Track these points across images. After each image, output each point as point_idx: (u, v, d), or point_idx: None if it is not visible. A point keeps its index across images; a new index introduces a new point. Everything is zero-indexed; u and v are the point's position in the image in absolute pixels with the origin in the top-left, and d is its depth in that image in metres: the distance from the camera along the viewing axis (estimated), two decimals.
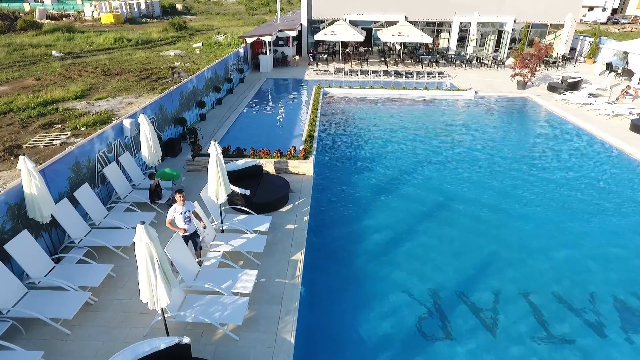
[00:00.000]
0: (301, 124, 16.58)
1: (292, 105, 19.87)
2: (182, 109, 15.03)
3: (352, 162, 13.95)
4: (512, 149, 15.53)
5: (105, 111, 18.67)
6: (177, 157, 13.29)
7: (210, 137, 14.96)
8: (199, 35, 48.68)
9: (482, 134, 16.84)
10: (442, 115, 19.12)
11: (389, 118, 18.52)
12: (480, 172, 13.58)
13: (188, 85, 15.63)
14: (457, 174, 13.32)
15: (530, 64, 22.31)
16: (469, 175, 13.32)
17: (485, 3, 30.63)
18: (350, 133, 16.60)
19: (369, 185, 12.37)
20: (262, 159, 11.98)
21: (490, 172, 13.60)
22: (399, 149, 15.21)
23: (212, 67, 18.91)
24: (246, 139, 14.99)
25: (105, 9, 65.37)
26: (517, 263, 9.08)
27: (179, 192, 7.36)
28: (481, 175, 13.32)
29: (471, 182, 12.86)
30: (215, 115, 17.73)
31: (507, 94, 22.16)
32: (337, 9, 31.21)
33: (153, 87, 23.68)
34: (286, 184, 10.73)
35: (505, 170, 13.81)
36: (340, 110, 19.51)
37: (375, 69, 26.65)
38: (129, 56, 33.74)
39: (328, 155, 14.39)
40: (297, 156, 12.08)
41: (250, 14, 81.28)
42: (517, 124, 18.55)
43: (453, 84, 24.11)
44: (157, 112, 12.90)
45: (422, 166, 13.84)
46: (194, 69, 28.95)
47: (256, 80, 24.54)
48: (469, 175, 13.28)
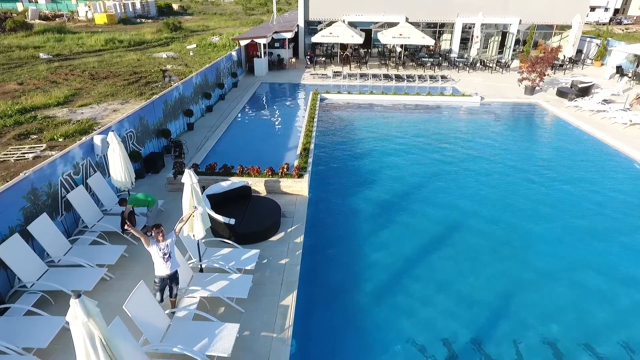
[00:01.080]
0: (297, 134, 15.39)
1: (287, 112, 18.68)
2: (167, 119, 13.82)
3: (352, 178, 12.76)
4: (525, 160, 14.37)
5: (87, 120, 17.44)
6: (159, 173, 12.08)
7: (198, 149, 13.77)
8: (194, 36, 47.45)
9: (491, 144, 15.68)
10: (447, 123, 17.94)
11: (391, 127, 17.33)
12: (493, 186, 12.48)
13: (173, 93, 14.42)
14: (468, 189, 12.17)
15: (539, 68, 21.15)
16: (481, 189, 12.18)
17: (489, 3, 29.48)
18: (350, 144, 15.41)
19: (371, 206, 11.18)
20: (251, 178, 10.79)
21: (504, 186, 12.49)
22: (403, 161, 14.02)
23: (202, 72, 17.69)
24: (236, 152, 13.82)
25: (99, 9, 64.06)
26: (540, 291, 7.93)
27: (157, 228, 6.17)
28: (495, 190, 12.22)
29: (484, 197, 11.73)
30: (204, 124, 16.52)
31: (515, 100, 20.99)
32: (336, 9, 30.02)
33: (141, 92, 22.46)
34: (277, 208, 9.53)
35: (520, 182, 12.72)
36: (338, 118, 18.32)
37: (375, 73, 25.47)
38: (120, 58, 32.51)
39: (325, 170, 13.19)
40: (290, 174, 10.90)
41: (248, 14, 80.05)
42: (528, 133, 17.40)
43: (457, 88, 22.94)
44: (137, 125, 11.69)
45: (431, 181, 12.66)
46: (186, 72, 27.74)
47: (250, 84, 23.34)
48: (481, 190, 12.13)
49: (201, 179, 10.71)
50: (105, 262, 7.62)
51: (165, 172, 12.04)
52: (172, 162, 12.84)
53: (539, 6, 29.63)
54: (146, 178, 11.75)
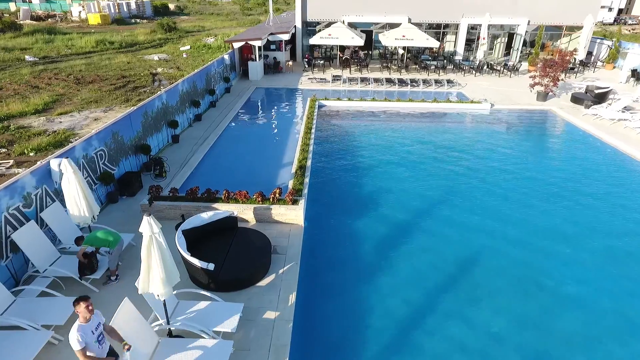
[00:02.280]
0: (292, 147, 13.97)
1: (282, 121, 17.26)
2: (147, 132, 12.40)
3: (354, 200, 11.34)
4: (545, 174, 12.99)
5: (64, 130, 16.00)
6: (135, 196, 10.65)
7: (182, 166, 12.34)
8: (189, 37, 46.00)
9: (507, 157, 14.27)
10: (456, 134, 16.52)
11: (396, 138, 15.91)
12: (514, 201, 11.23)
13: (155, 103, 12.99)
14: (487, 208, 10.81)
15: (552, 73, 19.76)
16: (500, 207, 10.89)
17: (496, 3, 28.08)
18: (351, 159, 13.99)
19: (379, 236, 9.76)
20: (238, 205, 9.37)
21: (525, 202, 11.19)
22: (413, 178, 12.59)
23: (189, 78, 16.26)
24: (224, 168, 12.40)
25: (93, 9, 62.58)
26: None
27: (83, 301, 4.73)
28: (516, 207, 10.97)
29: (506, 217, 10.48)
30: (191, 135, 15.09)
31: (527, 107, 19.59)
32: (335, 9, 28.60)
33: (128, 98, 21.02)
34: (267, 244, 8.11)
35: (542, 198, 11.43)
36: (338, 128, 16.89)
37: (377, 77, 24.06)
38: (109, 61, 31.05)
39: (324, 191, 11.74)
40: (283, 200, 9.48)
41: (245, 14, 78.65)
42: (545, 144, 15.96)
43: (464, 94, 21.54)
44: (109, 142, 10.27)
45: (445, 201, 11.25)
46: (177, 76, 26.30)
47: (244, 89, 21.91)
48: (501, 208, 10.83)
49: (182, 206, 9.31)
50: (53, 321, 6.20)
51: (143, 194, 10.62)
52: (152, 181, 11.46)
53: (548, 6, 28.23)
54: (120, 202, 10.32)
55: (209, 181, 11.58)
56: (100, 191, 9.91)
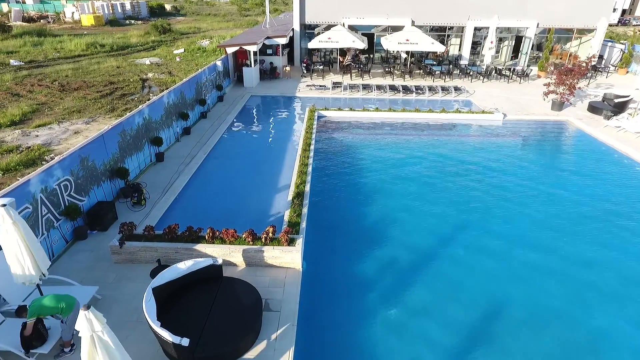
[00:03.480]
0: (289, 167, 12.59)
1: (279, 135, 15.87)
2: (125, 153, 10.99)
3: (361, 232, 9.95)
4: (572, 194, 11.71)
5: (39, 146, 14.58)
6: (107, 230, 9.25)
7: (164, 192, 10.94)
8: (184, 39, 44.57)
9: (528, 175, 12.94)
10: (469, 149, 15.14)
11: (403, 154, 14.51)
12: (546, 228, 9.96)
13: (135, 119, 11.58)
14: (515, 236, 9.47)
15: (569, 80, 18.42)
16: (529, 233, 9.60)
17: (504, 5, 26.73)
18: (355, 179, 12.61)
19: (390, 275, 8.40)
20: (225, 246, 7.98)
21: (556, 225, 9.92)
22: (424, 202, 11.23)
23: (177, 88, 14.85)
24: (211, 196, 10.99)
25: (87, 10, 61.06)
26: None
27: None
28: (547, 232, 9.70)
29: (536, 243, 9.11)
30: (177, 153, 13.68)
31: (543, 118, 18.23)
32: (335, 12, 27.21)
33: (113, 108, 19.62)
34: (257, 301, 6.73)
35: (573, 221, 10.21)
36: (340, 143, 15.49)
37: (380, 83, 22.68)
38: (98, 65, 29.64)
39: (325, 222, 10.32)
40: (277, 239, 8.09)
41: (243, 15, 77.20)
42: (566, 160, 14.55)
43: (473, 102, 20.18)
44: (76, 170, 8.87)
45: (465, 228, 9.93)
46: (169, 82, 24.90)
47: (238, 97, 20.52)
48: (530, 234, 9.49)
49: (158, 248, 7.92)
50: None
51: (118, 227, 9.23)
52: (129, 210, 10.07)
53: (558, 8, 26.89)
54: (89, 239, 8.92)
55: (193, 210, 10.23)
56: (64, 227, 8.52)
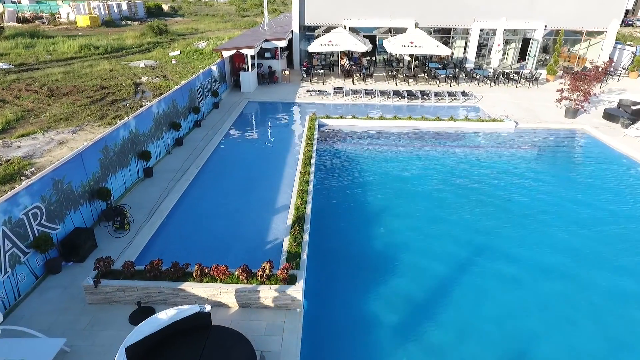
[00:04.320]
0: (289, 183, 11.61)
1: (277, 146, 14.86)
2: (107, 172, 9.98)
3: (368, 261, 8.95)
4: (599, 211, 10.75)
5: (19, 159, 13.56)
6: (85, 261, 8.25)
7: (150, 214, 9.93)
8: (181, 40, 43.55)
9: (547, 191, 11.96)
10: (480, 160, 14.15)
11: (412, 167, 13.51)
12: (580, 257, 8.87)
13: (119, 133, 10.56)
14: (540, 271, 8.44)
15: (584, 86, 17.45)
16: (559, 262, 8.50)
17: (511, 7, 25.77)
18: (360, 197, 11.62)
19: (406, 312, 7.42)
20: (216, 284, 6.99)
21: (586, 258, 8.86)
22: (439, 223, 10.25)
23: (168, 97, 13.84)
24: (202, 219, 9.98)
25: (83, 10, 60.02)
26: None
27: None
28: (580, 258, 8.56)
29: (581, 284, 8.05)
30: (168, 167, 12.68)
31: (557, 126, 17.24)
32: (335, 13, 26.22)
33: (103, 115, 18.61)
34: (251, 356, 5.73)
35: (605, 244, 9.11)
36: (342, 155, 14.49)
37: (383, 88, 21.69)
38: (90, 68, 28.61)
39: (329, 250, 9.29)
40: (274, 276, 7.10)
41: (241, 16, 76.23)
42: (586, 174, 13.43)
43: (482, 109, 19.20)
44: (48, 195, 7.86)
45: (485, 258, 8.94)
46: (163, 86, 23.90)
47: (235, 104, 19.52)
48: (561, 262, 8.45)
49: (139, 287, 6.92)
50: None
51: (99, 256, 8.24)
52: (110, 236, 9.07)
53: (567, 10, 25.93)
54: (63, 272, 7.92)
55: (182, 236, 9.24)
56: (33, 261, 7.51)
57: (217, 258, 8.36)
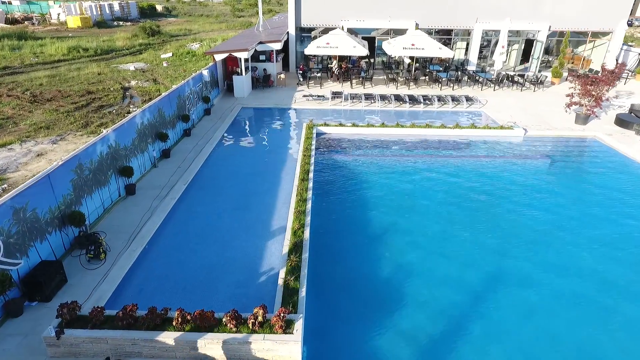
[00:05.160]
0: (284, 200, 10.60)
1: (272, 157, 13.81)
2: (81, 193, 8.93)
3: (374, 293, 7.95)
4: (625, 229, 9.81)
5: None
6: (52, 300, 7.21)
7: (130, 240, 8.88)
8: (173, 42, 42.40)
9: (564, 206, 11.03)
10: (490, 172, 13.20)
11: (415, 180, 12.54)
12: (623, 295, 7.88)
13: (96, 149, 9.51)
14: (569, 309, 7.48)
15: (595, 91, 16.56)
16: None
17: (514, 7, 24.88)
18: (362, 216, 10.62)
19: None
20: (199, 334, 5.97)
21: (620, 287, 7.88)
22: (450, 246, 9.28)
23: (154, 105, 12.78)
24: (189, 247, 8.92)
25: (74, 11, 58.68)
26: None
27: None
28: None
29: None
30: (153, 182, 11.62)
31: (568, 134, 16.31)
32: (333, 14, 25.23)
33: (87, 122, 17.51)
34: None
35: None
36: (342, 167, 13.48)
37: (383, 93, 20.71)
38: (78, 72, 27.46)
39: (328, 281, 8.25)
40: (269, 323, 6.09)
41: (236, 16, 75.05)
42: (606, 188, 12.26)
43: (488, 115, 18.27)
44: (6, 226, 6.81)
45: (505, 285, 7.96)
46: (153, 91, 22.80)
47: (227, 110, 18.47)
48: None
49: (109, 339, 5.89)
50: None
51: (66, 296, 7.21)
52: (83, 268, 8.03)
53: (573, 10, 25.07)
54: (25, 315, 6.87)
55: (164, 267, 8.20)
56: None
57: (204, 294, 7.38)
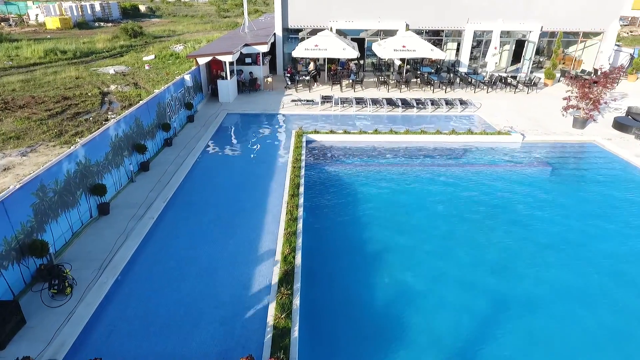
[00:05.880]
0: (273, 219, 9.77)
1: (260, 168, 12.93)
2: (45, 218, 7.97)
3: (372, 327, 7.18)
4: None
5: None
6: (8, 345, 6.27)
7: (101, 270, 7.95)
8: (156, 43, 41.15)
9: (570, 217, 10.42)
10: (490, 182, 12.54)
11: (412, 192, 11.84)
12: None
13: (62, 167, 8.54)
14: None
15: (593, 94, 16.08)
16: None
17: (506, 7, 24.41)
18: (357, 235, 9.85)
19: None
20: None
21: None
22: (453, 269, 8.57)
23: (130, 114, 11.81)
24: (166, 277, 7.99)
25: (54, 12, 56.78)
26: None
27: None
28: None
29: None
30: (129, 199, 10.67)
31: (567, 139, 15.76)
32: (321, 15, 24.44)
33: (61, 132, 16.41)
34: None
35: None
36: (334, 178, 12.68)
37: (375, 97, 19.98)
38: (54, 75, 26.19)
39: (323, 315, 7.45)
40: None
41: (222, 16, 73.77)
42: (617, 198, 11.71)
43: (483, 119, 17.67)
44: None
45: (515, 315, 7.26)
46: (133, 96, 21.72)
47: (212, 117, 17.54)
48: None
49: None
50: None
51: (24, 342, 6.29)
52: (45, 306, 7.09)
53: (564, 11, 24.70)
54: None
55: (138, 303, 7.29)
56: None
57: (184, 334, 6.52)
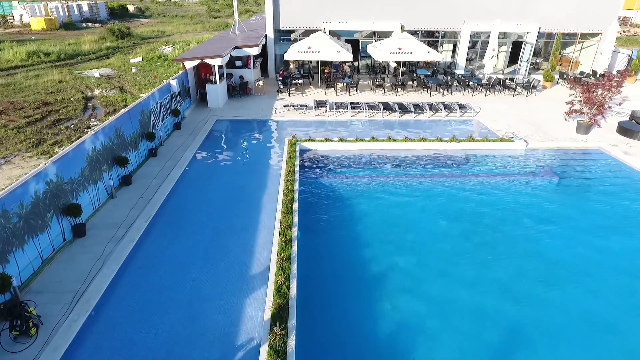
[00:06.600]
0: (265, 244, 8.98)
1: (251, 181, 12.09)
2: (7, 247, 7.08)
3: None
4: None
5: None
6: None
7: (72, 304, 7.09)
8: (145, 44, 40.06)
9: (577, 231, 9.78)
10: (495, 193, 11.86)
11: (414, 205, 11.12)
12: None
13: (29, 188, 7.66)
14: None
15: (598, 99, 15.51)
16: None
17: (503, 8, 23.84)
18: (355, 257, 9.10)
19: None
20: None
21: None
22: (460, 294, 7.86)
23: (110, 125, 10.93)
24: (147, 311, 7.14)
25: (39, 12, 55.30)
26: None
27: None
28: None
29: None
30: (108, 218, 9.80)
31: (571, 145, 15.16)
32: (314, 15, 23.67)
33: (40, 140, 15.46)
34: None
35: None
36: (330, 191, 11.89)
37: (370, 101, 19.25)
38: (36, 79, 25.11)
39: (319, 352, 6.75)
40: None
41: (212, 17, 72.64)
42: (619, 209, 11.21)
43: (484, 124, 17.03)
44: None
45: (528, 346, 6.58)
46: (118, 101, 20.75)
47: (201, 123, 16.67)
48: None
49: None
50: None
51: None
52: (6, 353, 6.22)
53: (562, 12, 24.20)
54: None
55: (113, 344, 6.44)
56: None
57: None
